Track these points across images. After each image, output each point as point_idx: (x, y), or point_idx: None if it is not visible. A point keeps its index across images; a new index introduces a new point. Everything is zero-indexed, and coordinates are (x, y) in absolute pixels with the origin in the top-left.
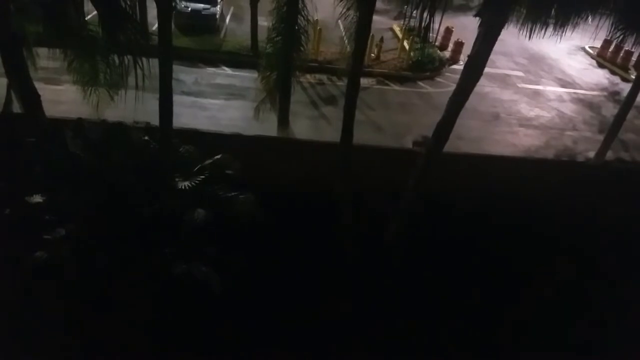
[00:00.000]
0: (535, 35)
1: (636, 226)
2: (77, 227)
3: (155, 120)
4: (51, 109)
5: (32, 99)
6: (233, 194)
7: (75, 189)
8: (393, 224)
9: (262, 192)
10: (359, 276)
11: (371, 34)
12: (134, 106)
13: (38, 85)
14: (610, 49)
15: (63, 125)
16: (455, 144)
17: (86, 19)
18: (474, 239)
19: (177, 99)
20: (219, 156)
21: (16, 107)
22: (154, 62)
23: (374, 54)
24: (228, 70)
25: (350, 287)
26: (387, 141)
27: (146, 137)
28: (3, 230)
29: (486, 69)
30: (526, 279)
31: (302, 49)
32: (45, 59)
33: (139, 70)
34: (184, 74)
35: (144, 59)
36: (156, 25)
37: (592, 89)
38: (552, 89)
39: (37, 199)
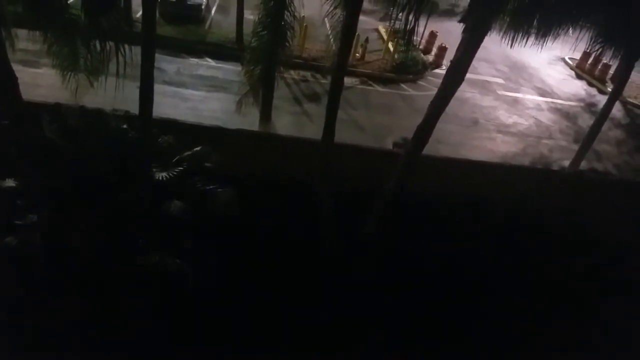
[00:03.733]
0: (517, 44)
1: (605, 232)
2: (49, 214)
3: (135, 109)
4: (29, 92)
5: (9, 81)
6: (211, 187)
7: (50, 174)
8: (370, 224)
9: (241, 186)
10: (336, 272)
11: (357, 34)
12: (114, 93)
13: (16, 67)
14: (589, 61)
15: (40, 109)
16: (435, 148)
17: (68, 1)
18: (448, 240)
19: (158, 88)
20: (198, 148)
21: None
22: (137, 50)
23: (358, 54)
24: (211, 62)
25: (328, 284)
26: (368, 141)
27: (125, 126)
28: None
29: (467, 75)
30: (498, 278)
31: (287, 44)
32: (25, 40)
33: (120, 58)
34: (166, 64)
35: (126, 46)
36: (140, 12)
37: (570, 99)
38: (531, 97)
39: (10, 183)
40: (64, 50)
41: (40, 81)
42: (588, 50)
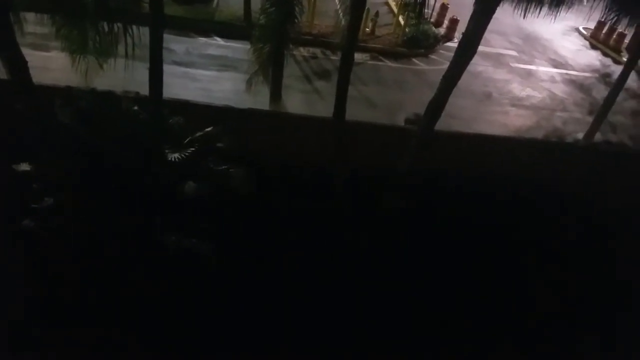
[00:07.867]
0: (530, 15)
1: (617, 203)
2: (65, 197)
3: (145, 90)
4: (39, 76)
5: (19, 65)
6: (224, 167)
7: (63, 158)
8: (387, 199)
9: (253, 166)
10: (351, 252)
11: (366, 8)
12: (124, 75)
13: (25, 51)
14: (604, 31)
15: (52, 93)
16: (448, 123)
17: None
18: (462, 214)
19: (167, 69)
20: (209, 129)
21: (2, 73)
22: (145, 31)
23: (368, 28)
24: (220, 41)
25: (341, 265)
26: (380, 118)
27: (136, 107)
28: None
29: (480, 48)
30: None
31: (296, 21)
32: (33, 24)
33: (129, 39)
34: (175, 44)
35: (135, 27)
36: None
37: (584, 71)
38: (544, 69)
39: (25, 167)
40: (73, 33)
41: (50, 64)
42: (603, 20)
